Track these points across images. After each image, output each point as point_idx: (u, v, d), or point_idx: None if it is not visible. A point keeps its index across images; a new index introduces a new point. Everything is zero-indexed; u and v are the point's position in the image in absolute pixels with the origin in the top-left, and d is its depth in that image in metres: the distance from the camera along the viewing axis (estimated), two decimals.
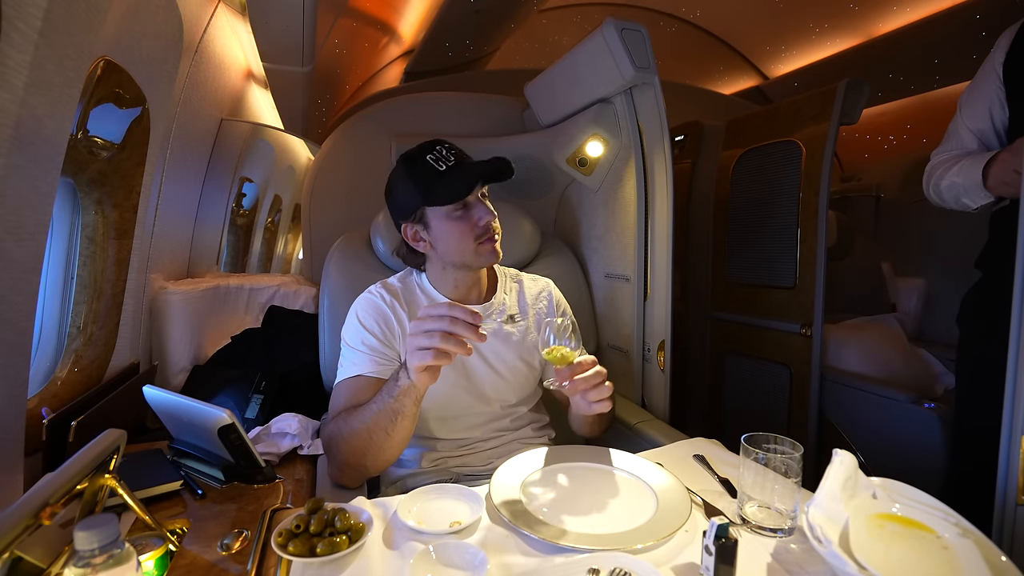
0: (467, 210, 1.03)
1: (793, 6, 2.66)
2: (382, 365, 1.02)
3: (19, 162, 0.75)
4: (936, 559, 0.61)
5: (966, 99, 1.16)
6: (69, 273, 1.22)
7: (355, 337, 1.05)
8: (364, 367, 1.01)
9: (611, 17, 1.25)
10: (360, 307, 1.08)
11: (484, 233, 1.03)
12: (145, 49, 1.18)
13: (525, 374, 1.15)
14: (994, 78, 1.07)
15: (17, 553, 0.53)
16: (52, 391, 1.14)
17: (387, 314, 1.07)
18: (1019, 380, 0.75)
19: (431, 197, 1.01)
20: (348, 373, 1.02)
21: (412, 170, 1.03)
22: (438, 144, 1.03)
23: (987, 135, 1.12)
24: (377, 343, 1.04)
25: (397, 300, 1.09)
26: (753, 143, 2.01)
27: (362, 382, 1.00)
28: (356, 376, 1.01)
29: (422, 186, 1.01)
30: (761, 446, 0.75)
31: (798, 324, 1.81)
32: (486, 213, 1.03)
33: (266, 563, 0.68)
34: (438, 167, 1.00)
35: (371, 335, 1.04)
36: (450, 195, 1.01)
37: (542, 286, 1.25)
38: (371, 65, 2.91)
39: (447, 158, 1.01)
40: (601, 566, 0.63)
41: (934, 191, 1.20)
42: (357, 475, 0.97)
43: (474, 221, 1.02)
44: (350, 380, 1.01)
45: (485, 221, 1.02)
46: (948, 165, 1.14)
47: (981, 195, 1.07)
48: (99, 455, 0.65)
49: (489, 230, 1.04)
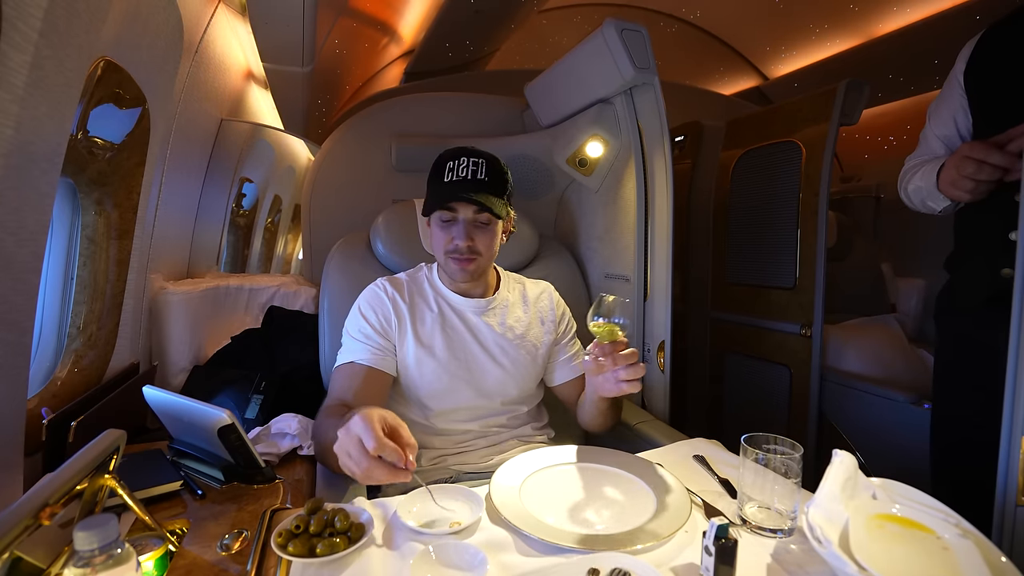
0: (451, 223, 1.08)
1: (793, 6, 2.66)
2: (375, 354, 1.06)
3: (19, 162, 0.75)
4: (936, 560, 0.61)
5: (934, 108, 1.22)
6: (69, 273, 1.22)
7: (354, 326, 1.11)
8: (358, 354, 1.06)
9: (611, 17, 1.25)
10: (362, 298, 1.14)
11: (454, 250, 1.08)
12: (145, 49, 1.18)
13: (528, 368, 1.17)
14: (956, 87, 1.14)
15: (17, 553, 0.53)
16: (52, 391, 1.14)
17: (386, 305, 1.11)
18: (1019, 380, 0.75)
19: (427, 197, 1.12)
20: (343, 359, 1.07)
21: (435, 167, 1.10)
22: (465, 155, 1.07)
23: (952, 141, 1.18)
24: (373, 332, 1.08)
25: (400, 293, 1.14)
26: (753, 143, 2.01)
27: (356, 368, 1.05)
28: (351, 363, 1.06)
29: (430, 184, 1.11)
30: (761, 446, 0.75)
31: (798, 324, 1.81)
32: (460, 235, 1.06)
33: (266, 563, 0.68)
34: (446, 176, 1.06)
35: (368, 324, 1.09)
36: (431, 203, 1.09)
37: (542, 288, 1.29)
38: (371, 65, 2.91)
39: (459, 171, 1.06)
40: (601, 566, 0.63)
41: (904, 194, 1.25)
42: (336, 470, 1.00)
43: (451, 236, 1.08)
44: (345, 366, 1.06)
45: (456, 242, 1.07)
46: (915, 170, 1.20)
47: (939, 198, 1.13)
48: (99, 455, 0.65)
49: (457, 249, 1.07)
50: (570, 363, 1.22)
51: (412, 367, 1.09)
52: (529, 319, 1.20)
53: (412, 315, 1.11)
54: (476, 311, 1.16)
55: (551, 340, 1.21)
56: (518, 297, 1.23)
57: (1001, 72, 1.05)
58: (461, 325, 1.15)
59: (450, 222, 1.08)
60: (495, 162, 1.09)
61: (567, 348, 1.24)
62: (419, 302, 1.14)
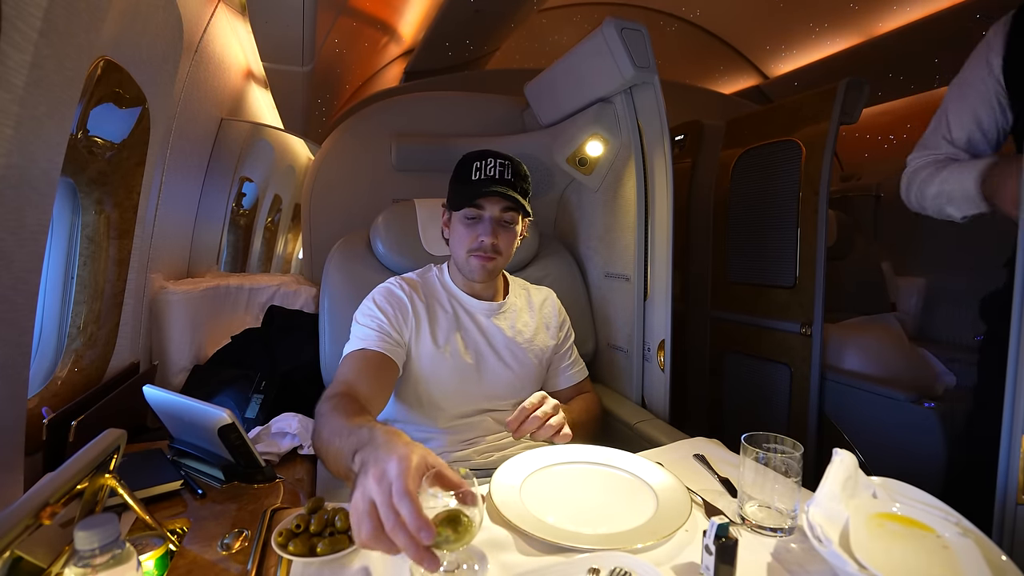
0: (476, 221, 1.10)
1: (793, 5, 2.66)
2: (386, 343, 1.05)
3: (19, 162, 0.75)
4: (936, 558, 0.61)
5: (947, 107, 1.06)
6: (69, 273, 1.22)
7: (366, 315, 1.09)
8: (369, 342, 1.04)
9: (611, 16, 1.25)
10: (377, 292, 1.14)
11: (478, 247, 1.09)
12: (145, 49, 1.18)
13: (535, 371, 1.21)
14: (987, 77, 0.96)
15: (17, 553, 0.53)
16: (52, 391, 1.14)
17: (404, 301, 1.11)
18: (1019, 380, 0.75)
19: (453, 197, 1.13)
20: (353, 346, 1.05)
21: (459, 167, 1.13)
22: (491, 156, 1.10)
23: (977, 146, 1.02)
24: (387, 323, 1.07)
25: (416, 291, 1.14)
26: (753, 143, 2.01)
27: (368, 354, 1.03)
28: (361, 349, 1.03)
29: (454, 185, 1.13)
30: (761, 445, 0.75)
31: (798, 323, 1.81)
32: (486, 232, 1.08)
33: (266, 563, 0.68)
34: (473, 175, 1.09)
35: (384, 315, 1.08)
36: (458, 201, 1.10)
37: (545, 294, 1.32)
38: (371, 65, 2.91)
39: (487, 171, 1.08)
40: (601, 566, 0.62)
41: (914, 198, 1.11)
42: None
43: (476, 233, 1.10)
44: (356, 352, 1.03)
45: (481, 239, 1.09)
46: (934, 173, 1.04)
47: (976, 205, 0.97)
48: (99, 455, 0.65)
49: (482, 246, 1.09)
50: (567, 371, 1.27)
51: (427, 367, 1.09)
52: (536, 324, 1.23)
53: (429, 316, 1.12)
54: (487, 314, 1.18)
55: (553, 345, 1.25)
56: (525, 303, 1.26)
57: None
58: (474, 327, 1.16)
59: (475, 220, 1.10)
60: (519, 165, 1.12)
61: (566, 356, 1.28)
62: (434, 303, 1.15)
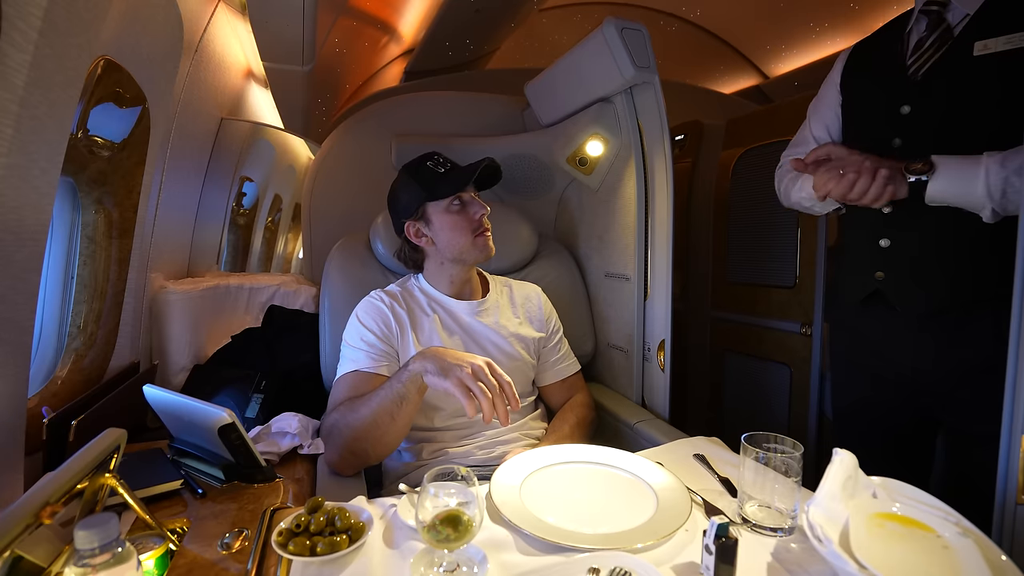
0: (463, 205, 1.16)
1: (793, 5, 2.66)
2: (379, 361, 1.08)
3: (19, 162, 0.75)
4: (936, 558, 0.61)
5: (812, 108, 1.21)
6: (69, 273, 1.22)
7: (355, 336, 1.12)
8: (362, 363, 1.08)
9: (611, 16, 1.25)
10: (361, 309, 1.17)
11: (480, 226, 1.15)
12: (145, 48, 1.18)
13: (523, 361, 1.22)
14: (833, 91, 1.15)
15: (18, 552, 0.53)
16: (52, 390, 1.14)
17: (387, 314, 1.14)
18: (1019, 380, 0.75)
19: (434, 192, 1.14)
20: (346, 368, 1.08)
21: (415, 173, 1.16)
22: (435, 154, 1.19)
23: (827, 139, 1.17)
24: (376, 340, 1.10)
25: (396, 302, 1.17)
26: (753, 142, 2.01)
27: (361, 377, 1.06)
28: (354, 371, 1.07)
29: (425, 184, 1.15)
30: (761, 445, 0.75)
31: (798, 323, 1.81)
32: (480, 208, 1.16)
33: (266, 562, 0.68)
34: (437, 170, 1.15)
35: (370, 332, 1.11)
36: (451, 188, 1.14)
37: (530, 289, 1.34)
38: (371, 64, 2.91)
39: (444, 164, 1.17)
40: (601, 566, 0.63)
41: (785, 197, 1.22)
42: (356, 461, 1.02)
43: (470, 215, 1.15)
44: (349, 375, 1.07)
45: (479, 215, 1.15)
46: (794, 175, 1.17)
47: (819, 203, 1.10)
48: (99, 454, 0.65)
49: (483, 224, 1.15)
50: (556, 366, 1.29)
51: None
52: (519, 319, 1.26)
53: (412, 322, 1.15)
54: (470, 312, 1.20)
55: (541, 338, 1.27)
56: (507, 299, 1.29)
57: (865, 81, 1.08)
58: (457, 326, 1.19)
59: (461, 205, 1.15)
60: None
61: (555, 350, 1.30)
62: (415, 308, 1.18)
